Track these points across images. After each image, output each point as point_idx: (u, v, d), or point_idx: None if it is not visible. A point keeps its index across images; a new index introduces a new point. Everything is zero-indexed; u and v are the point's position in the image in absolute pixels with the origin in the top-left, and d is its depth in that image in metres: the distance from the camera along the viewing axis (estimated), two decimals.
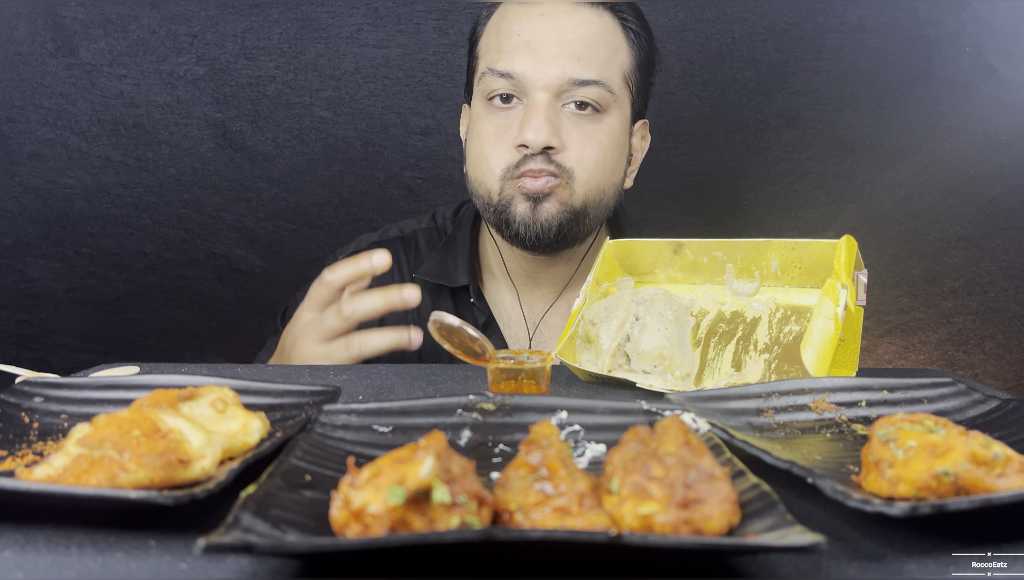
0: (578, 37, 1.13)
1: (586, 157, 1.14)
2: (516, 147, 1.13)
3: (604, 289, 1.04)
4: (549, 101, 1.12)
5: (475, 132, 1.19)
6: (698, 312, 1.00)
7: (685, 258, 1.01)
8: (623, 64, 1.17)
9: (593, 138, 1.14)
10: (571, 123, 1.14)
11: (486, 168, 1.16)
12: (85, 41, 1.71)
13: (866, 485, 0.54)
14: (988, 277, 1.86)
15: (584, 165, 1.14)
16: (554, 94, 1.12)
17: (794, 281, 0.96)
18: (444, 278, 1.25)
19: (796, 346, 0.91)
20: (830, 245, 0.90)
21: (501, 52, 1.15)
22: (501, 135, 1.15)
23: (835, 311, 0.84)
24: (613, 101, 1.16)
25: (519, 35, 1.14)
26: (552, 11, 1.14)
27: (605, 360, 0.95)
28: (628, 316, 0.97)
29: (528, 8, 1.15)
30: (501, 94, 1.15)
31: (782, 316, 0.95)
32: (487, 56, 1.18)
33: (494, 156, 1.15)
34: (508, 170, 1.14)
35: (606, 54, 1.15)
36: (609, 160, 1.17)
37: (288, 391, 0.73)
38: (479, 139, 1.18)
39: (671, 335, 0.95)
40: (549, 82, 1.12)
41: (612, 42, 1.16)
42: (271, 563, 0.47)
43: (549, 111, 1.12)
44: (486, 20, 1.21)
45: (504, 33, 1.16)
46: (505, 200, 1.15)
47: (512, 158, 1.14)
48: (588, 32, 1.14)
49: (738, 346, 0.95)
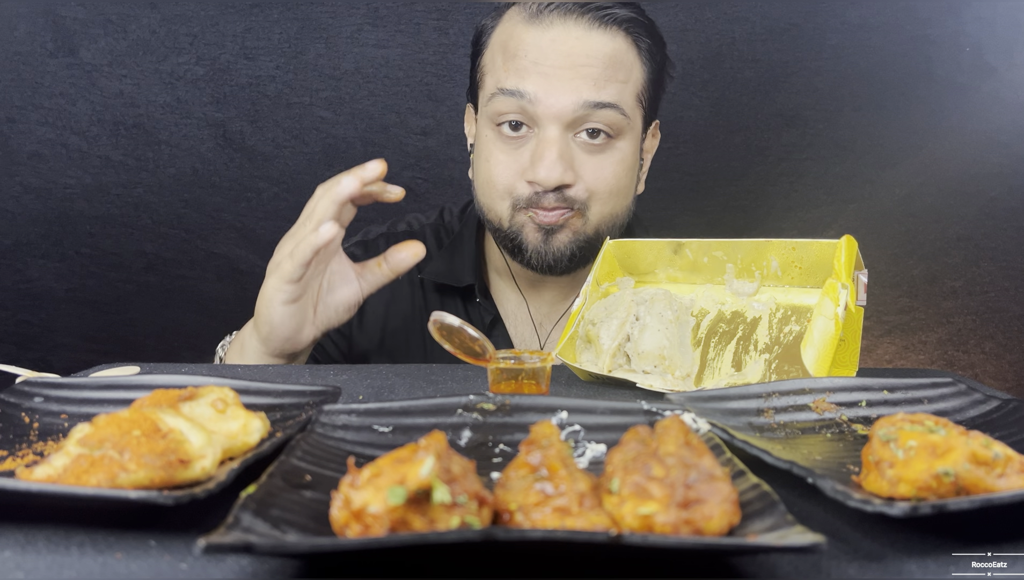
0: (592, 62, 1.09)
1: (600, 189, 1.12)
2: (528, 182, 1.11)
3: (604, 289, 1.04)
4: (561, 134, 1.09)
5: (483, 156, 1.16)
6: (698, 312, 1.00)
7: (685, 258, 1.01)
8: (636, 84, 1.14)
9: (606, 168, 1.12)
10: (584, 153, 1.11)
11: (496, 197, 1.15)
12: (85, 41, 1.71)
13: (866, 485, 0.54)
14: (988, 277, 1.86)
15: (598, 196, 1.12)
16: (566, 124, 1.09)
17: (794, 281, 0.96)
18: (451, 278, 1.25)
19: (796, 346, 0.91)
20: (830, 245, 0.90)
21: (509, 72, 1.11)
22: (512, 164, 1.12)
23: (835, 311, 0.84)
24: (627, 124, 1.12)
25: (527, 56, 1.10)
26: (563, 36, 1.09)
27: (605, 360, 0.95)
28: (628, 316, 0.97)
29: (537, 32, 1.10)
30: (511, 121, 1.11)
31: (782, 316, 0.95)
32: (494, 74, 1.14)
33: (503, 187, 1.13)
34: (519, 201, 1.13)
35: (621, 76, 1.11)
36: (622, 186, 1.15)
37: (288, 391, 0.73)
38: (487, 165, 1.15)
39: (671, 335, 0.95)
40: (562, 109, 1.08)
41: (626, 64, 1.12)
42: (271, 563, 0.47)
43: (561, 146, 1.09)
44: (491, 31, 1.17)
45: (511, 52, 1.11)
46: (516, 228, 1.14)
47: (523, 191, 1.12)
48: (602, 56, 1.09)
49: (738, 346, 0.95)
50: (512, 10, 1.15)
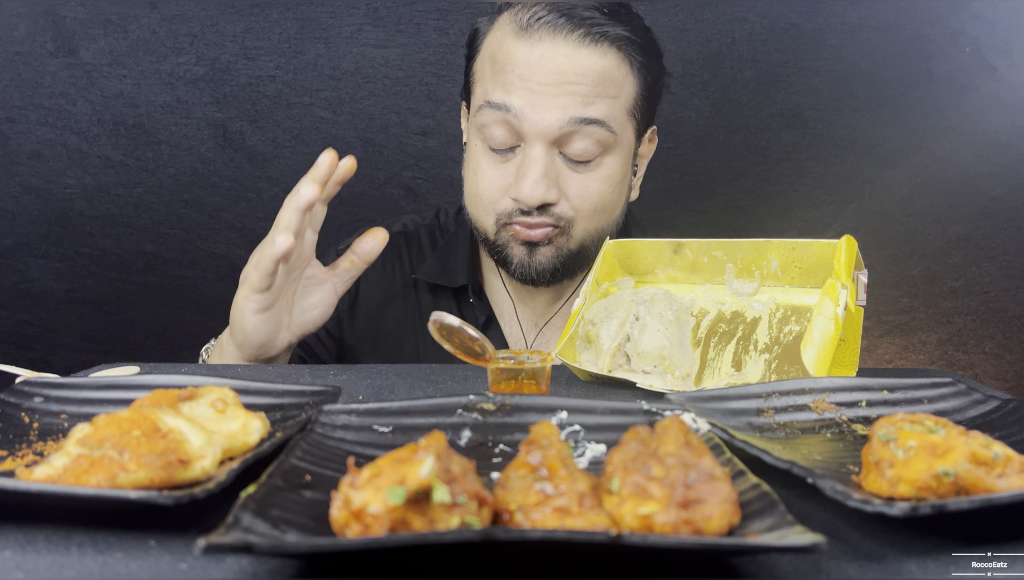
0: (581, 80, 1.06)
1: (584, 207, 1.11)
2: (512, 198, 1.10)
3: (604, 289, 1.04)
4: (546, 151, 1.08)
5: (471, 166, 1.16)
6: (698, 312, 1.00)
7: (685, 258, 1.01)
8: (628, 99, 1.12)
9: (591, 185, 1.11)
10: (570, 170, 1.10)
11: (481, 209, 1.15)
12: (85, 41, 1.71)
13: (866, 485, 0.54)
14: (988, 277, 1.86)
15: (583, 214, 1.12)
16: (552, 141, 1.08)
17: (794, 281, 0.96)
18: (444, 278, 1.25)
19: (796, 346, 0.91)
20: (830, 245, 0.90)
21: (496, 84, 1.09)
22: (497, 179, 1.12)
23: (835, 311, 0.84)
24: (615, 141, 1.11)
25: (513, 71, 1.08)
26: (551, 53, 1.06)
27: (605, 360, 0.95)
28: (628, 316, 0.97)
29: (526, 48, 1.07)
30: (497, 135, 1.10)
31: (782, 316, 0.95)
32: (483, 84, 1.13)
33: (488, 201, 1.13)
34: (502, 216, 1.13)
35: (611, 92, 1.09)
36: (608, 203, 1.14)
37: (288, 391, 0.73)
38: (475, 178, 1.15)
39: (671, 335, 0.95)
40: (547, 127, 1.06)
41: (616, 80, 1.10)
42: (271, 563, 0.47)
43: (546, 163, 1.08)
44: (484, 36, 1.15)
45: (499, 65, 1.09)
46: (501, 242, 1.14)
47: (507, 206, 1.12)
48: (592, 74, 1.07)
49: (738, 346, 0.95)
50: (504, 17, 1.12)
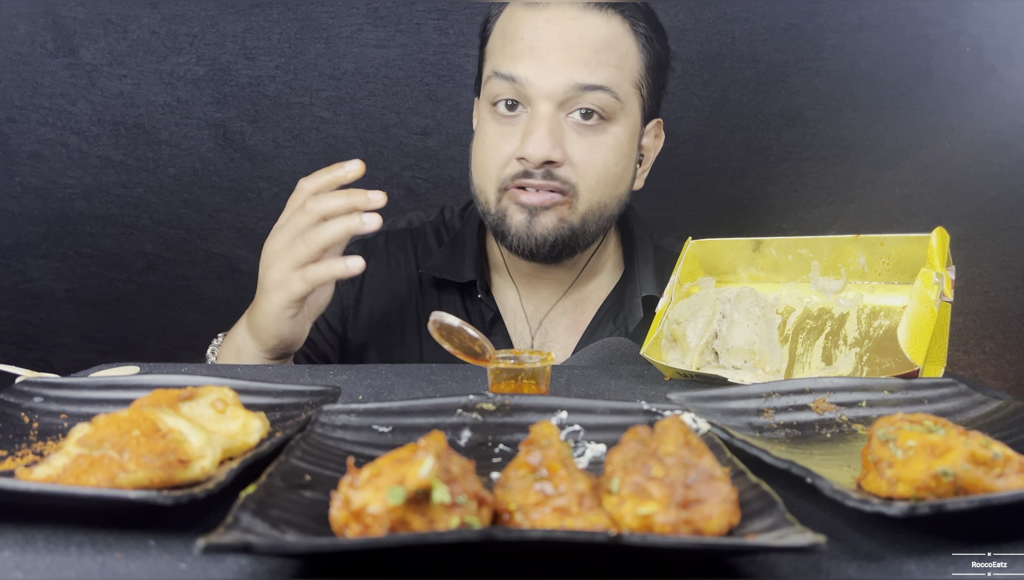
0: (585, 43, 1.10)
1: (589, 171, 1.12)
2: (517, 159, 1.11)
3: (686, 289, 1.04)
4: (552, 112, 1.10)
5: (479, 137, 1.18)
6: (784, 309, 0.98)
7: (767, 257, 1.00)
8: (633, 69, 1.14)
9: (598, 150, 1.12)
10: (576, 134, 1.11)
11: (486, 176, 1.15)
12: (85, 41, 1.71)
13: (865, 485, 0.54)
14: (988, 277, 1.85)
15: (587, 181, 1.12)
16: (558, 103, 1.10)
17: (881, 277, 0.94)
18: (451, 273, 1.25)
19: (887, 339, 0.89)
20: (919, 240, 0.90)
21: (505, 55, 1.13)
22: (503, 144, 1.13)
23: (932, 297, 0.84)
24: (620, 109, 1.12)
25: (523, 39, 1.11)
26: (559, 16, 1.10)
27: (694, 358, 0.94)
28: (714, 314, 0.96)
29: (534, 12, 1.12)
30: (506, 100, 1.13)
31: (870, 312, 0.93)
32: (493, 58, 1.16)
33: (494, 166, 1.14)
34: (506, 180, 1.13)
35: (615, 60, 1.11)
36: (613, 173, 1.14)
37: (288, 391, 0.73)
38: (482, 146, 1.16)
39: (760, 331, 0.94)
40: (553, 90, 1.09)
41: (621, 48, 1.12)
42: (271, 563, 0.47)
43: (552, 123, 1.09)
44: (495, 18, 1.19)
45: (509, 36, 1.13)
46: (502, 210, 1.14)
47: (512, 169, 1.12)
48: (596, 38, 1.10)
49: (827, 341, 0.94)
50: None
